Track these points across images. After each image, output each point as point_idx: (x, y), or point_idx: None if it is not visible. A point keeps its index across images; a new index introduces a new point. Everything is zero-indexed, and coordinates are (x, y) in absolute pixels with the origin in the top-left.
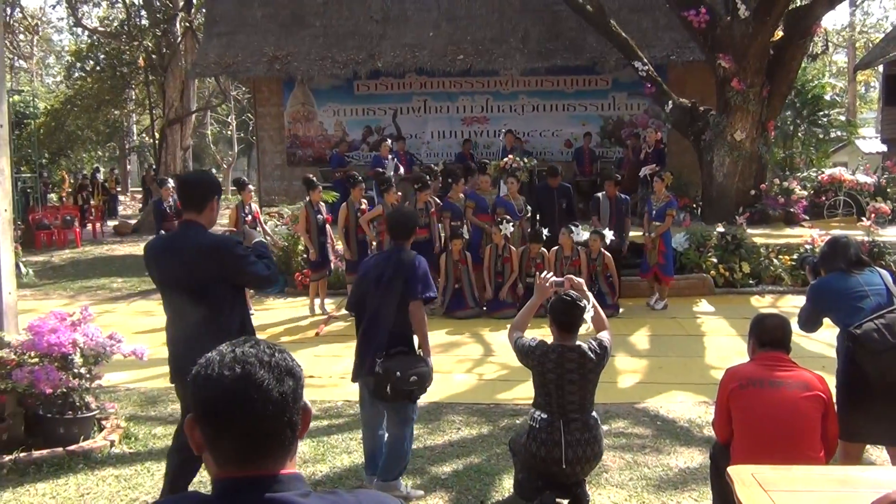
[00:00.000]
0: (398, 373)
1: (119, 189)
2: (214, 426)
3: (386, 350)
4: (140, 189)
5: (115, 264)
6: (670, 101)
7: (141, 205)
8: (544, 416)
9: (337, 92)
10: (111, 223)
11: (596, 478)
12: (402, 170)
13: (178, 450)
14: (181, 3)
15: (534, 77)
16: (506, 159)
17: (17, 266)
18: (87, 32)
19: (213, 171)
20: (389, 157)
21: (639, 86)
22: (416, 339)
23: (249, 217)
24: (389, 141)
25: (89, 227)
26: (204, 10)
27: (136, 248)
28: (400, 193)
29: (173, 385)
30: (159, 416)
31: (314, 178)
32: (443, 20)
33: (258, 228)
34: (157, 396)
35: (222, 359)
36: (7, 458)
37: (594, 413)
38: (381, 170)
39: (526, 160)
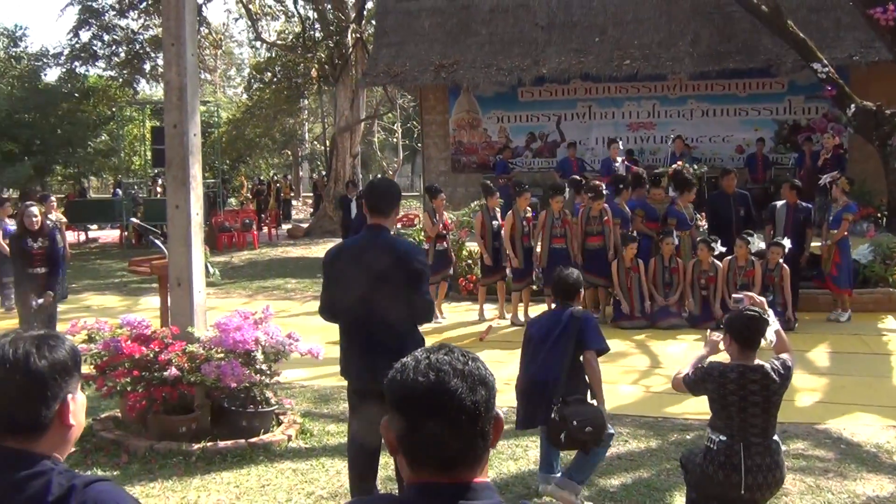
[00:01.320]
0: (574, 421)
1: (292, 194)
2: (408, 431)
3: (563, 397)
4: (311, 194)
5: (289, 266)
6: (853, 105)
7: (312, 209)
8: (723, 438)
9: (501, 99)
10: (285, 227)
11: (776, 501)
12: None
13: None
14: (353, 16)
15: (704, 81)
16: (674, 165)
17: (206, 266)
18: (265, 46)
19: (379, 177)
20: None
21: (817, 88)
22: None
23: (440, 225)
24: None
25: (265, 230)
26: (374, 22)
27: (309, 251)
28: (563, 198)
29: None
30: (332, 414)
31: (492, 185)
32: (609, 24)
33: (448, 236)
34: (329, 394)
35: (417, 365)
36: (196, 446)
37: (776, 437)
38: (574, 177)
39: (696, 166)
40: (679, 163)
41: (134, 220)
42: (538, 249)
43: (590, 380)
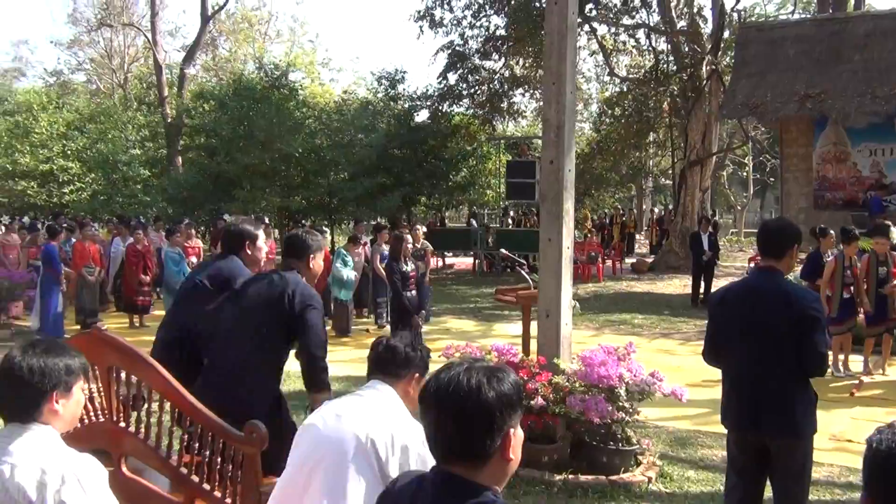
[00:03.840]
0: None
1: (636, 228)
2: None
3: None
4: (654, 228)
5: (635, 301)
6: None
7: (651, 243)
8: None
9: (875, 130)
10: (629, 260)
11: None
12: None
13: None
14: (708, 48)
15: None
16: None
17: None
18: (616, 80)
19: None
20: None
21: None
22: None
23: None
24: None
25: (609, 263)
26: (732, 53)
27: (654, 286)
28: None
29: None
30: (691, 459)
31: (853, 229)
32: None
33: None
34: (686, 437)
35: None
36: (558, 477)
37: None
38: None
39: None
40: None
41: (503, 251)
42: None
43: None
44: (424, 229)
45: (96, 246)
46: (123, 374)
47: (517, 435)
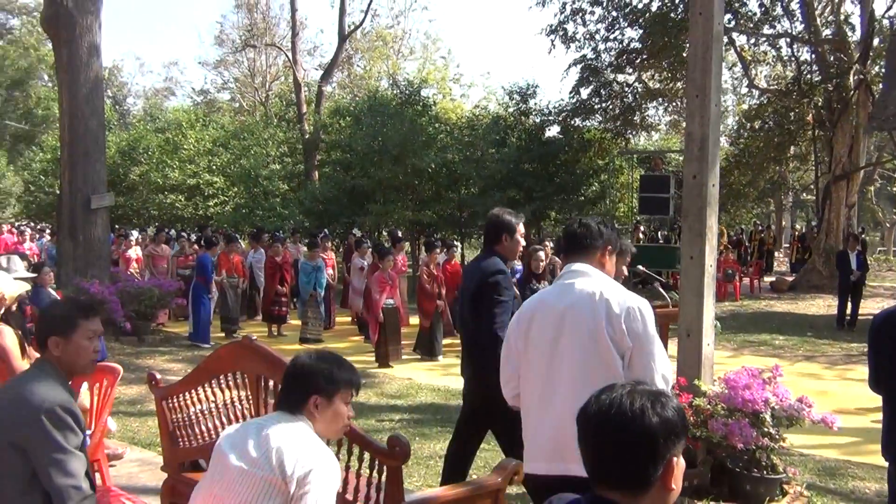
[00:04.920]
0: None
1: (774, 245)
2: None
3: None
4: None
5: (775, 321)
6: None
7: (790, 260)
8: None
9: None
10: (767, 279)
11: None
12: None
13: None
14: (856, 56)
15: None
16: None
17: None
18: (755, 93)
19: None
20: None
21: None
22: None
23: None
24: None
25: (747, 281)
26: (882, 62)
27: (795, 307)
28: None
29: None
30: (840, 491)
31: None
32: None
33: None
34: (835, 467)
35: None
36: (697, 503)
37: None
38: None
39: None
40: None
41: (640, 267)
42: None
43: None
44: (551, 245)
45: (239, 257)
46: (271, 383)
47: (679, 464)
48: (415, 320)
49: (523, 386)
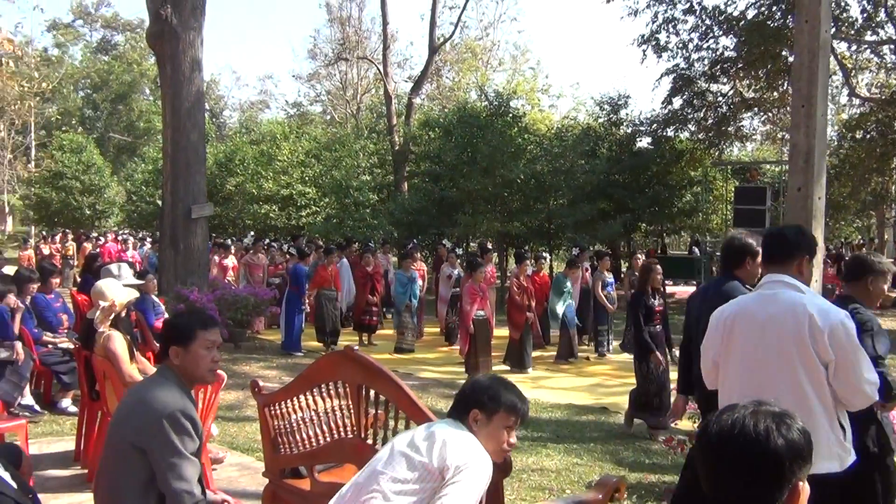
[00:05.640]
0: None
1: None
2: None
3: None
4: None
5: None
6: None
7: None
8: None
9: None
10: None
11: None
12: None
13: None
14: None
15: None
16: None
17: None
18: (858, 101)
19: None
20: None
21: None
22: None
23: None
24: None
25: None
26: None
27: None
28: None
29: None
30: None
31: None
32: None
33: None
34: None
35: None
36: None
37: None
38: None
39: None
40: None
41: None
42: None
43: None
44: (643, 257)
45: (336, 269)
46: (372, 393)
47: (805, 489)
48: (504, 332)
49: (722, 392)
